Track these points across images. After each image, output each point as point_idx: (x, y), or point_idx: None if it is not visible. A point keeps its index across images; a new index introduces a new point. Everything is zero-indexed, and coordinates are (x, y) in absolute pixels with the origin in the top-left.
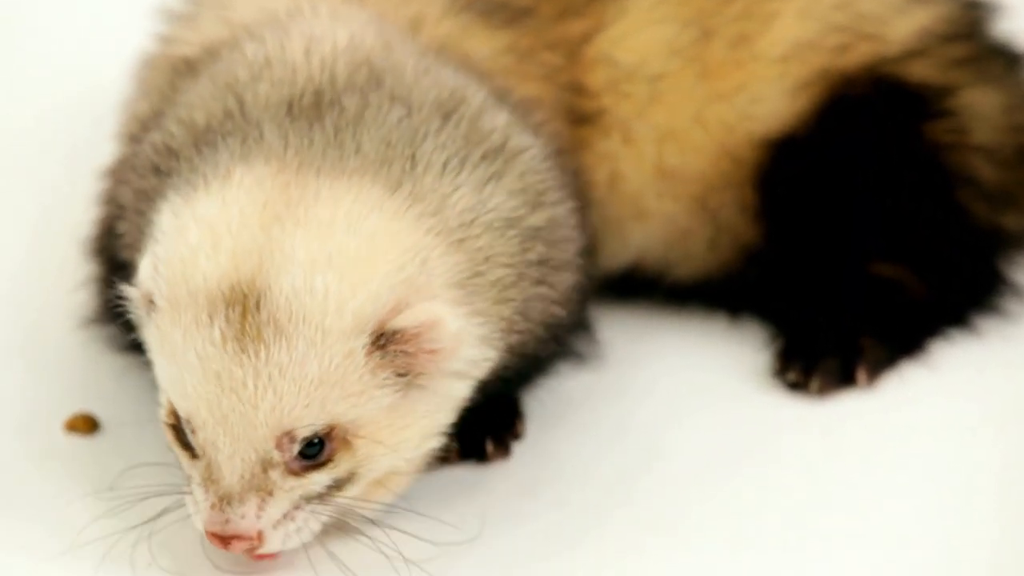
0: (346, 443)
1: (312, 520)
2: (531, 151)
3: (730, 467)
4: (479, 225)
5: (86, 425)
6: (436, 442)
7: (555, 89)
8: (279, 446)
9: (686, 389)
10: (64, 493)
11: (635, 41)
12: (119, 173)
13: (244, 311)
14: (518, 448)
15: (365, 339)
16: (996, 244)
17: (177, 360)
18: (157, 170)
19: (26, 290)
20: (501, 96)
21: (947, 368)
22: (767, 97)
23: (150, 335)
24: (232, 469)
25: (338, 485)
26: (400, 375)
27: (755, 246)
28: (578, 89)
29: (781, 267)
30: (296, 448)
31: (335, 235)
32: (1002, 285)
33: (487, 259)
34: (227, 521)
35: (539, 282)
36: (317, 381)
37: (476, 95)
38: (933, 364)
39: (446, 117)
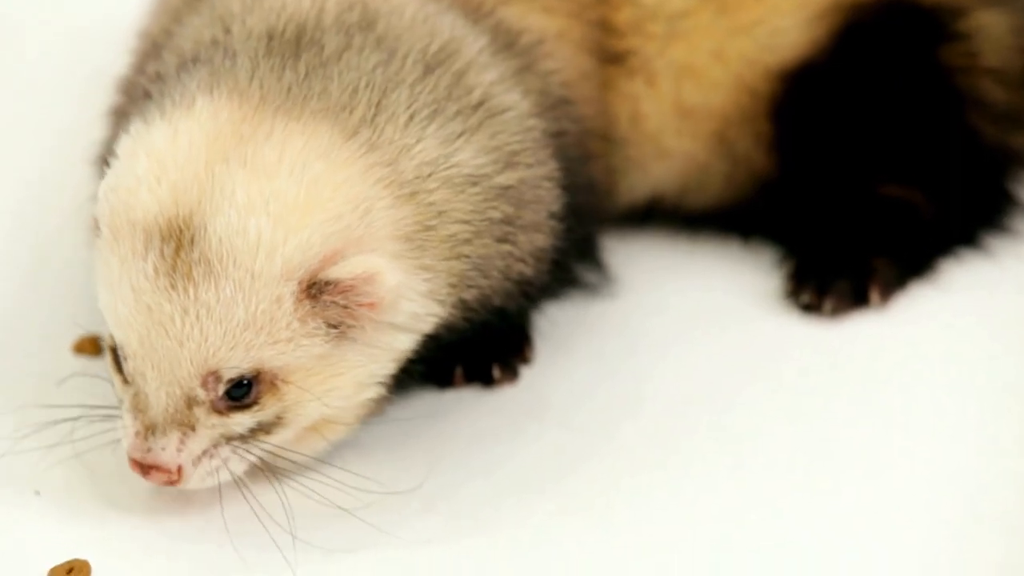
0: (273, 387)
1: (234, 460)
2: (512, 111)
3: (741, 388)
4: (437, 179)
5: (93, 347)
6: (373, 392)
7: (583, 26)
8: (204, 385)
9: (697, 312)
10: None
11: None
12: (126, 90)
13: (178, 247)
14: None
15: (294, 286)
16: (1004, 164)
17: (113, 288)
18: (147, 95)
19: (37, 212)
20: (509, 41)
21: (957, 288)
22: (785, 28)
23: (95, 259)
24: (157, 401)
25: (264, 428)
26: (332, 326)
27: (769, 175)
28: (607, 27)
29: (794, 194)
30: (221, 388)
31: (276, 178)
32: (1010, 204)
33: (440, 214)
34: (148, 451)
35: (501, 240)
36: (243, 324)
37: (470, 49)
38: (943, 284)
39: (428, 69)
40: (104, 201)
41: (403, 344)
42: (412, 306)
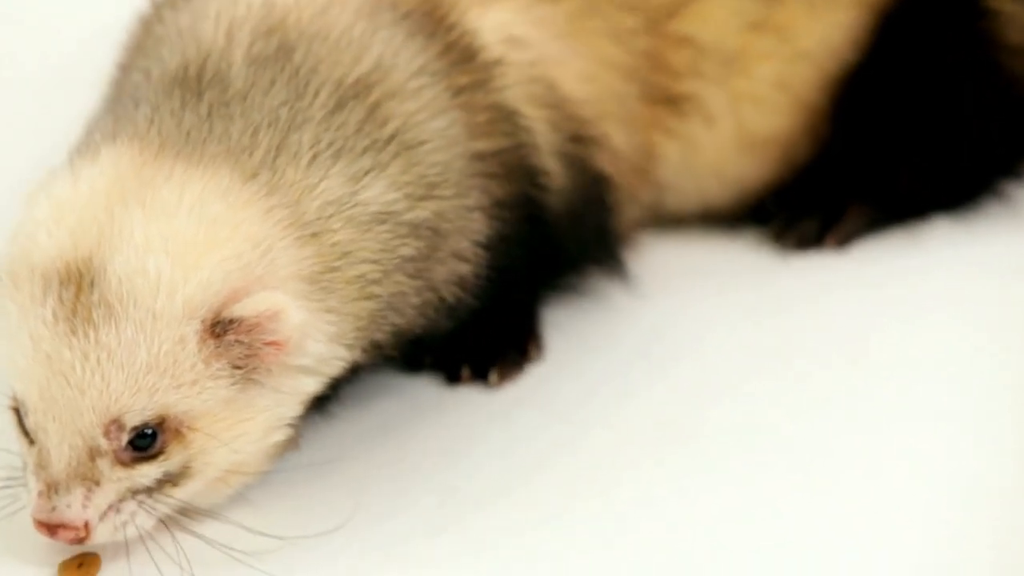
0: (179, 435)
1: (141, 515)
2: (431, 143)
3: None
4: (341, 219)
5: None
6: (280, 435)
7: (628, 54)
8: (107, 434)
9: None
10: None
11: (712, 19)
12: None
13: (78, 291)
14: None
15: (197, 325)
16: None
17: (12, 339)
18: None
19: None
20: (464, 57)
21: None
22: (840, 43)
23: None
24: (59, 456)
25: (171, 480)
26: (237, 367)
27: (807, 162)
28: (660, 64)
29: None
30: (125, 437)
31: (175, 219)
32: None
33: (345, 254)
34: (53, 509)
35: (414, 276)
36: (146, 367)
37: (398, 73)
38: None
39: (340, 103)
40: (5, 249)
41: (309, 387)
42: (318, 348)
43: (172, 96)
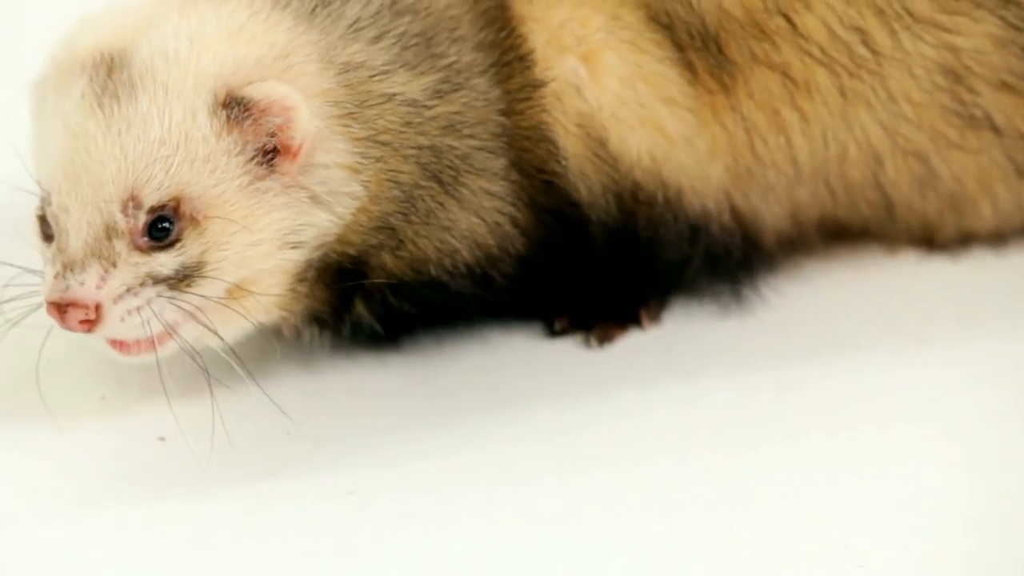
0: (195, 223)
1: (156, 303)
2: (469, 91)
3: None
4: (365, 77)
5: None
6: (292, 257)
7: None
8: (124, 210)
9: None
10: None
11: None
12: None
13: (109, 73)
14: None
15: (208, 98)
16: None
17: (45, 124)
18: None
19: None
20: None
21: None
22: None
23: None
24: (78, 233)
25: (187, 276)
26: (251, 160)
27: None
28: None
29: None
30: (142, 217)
31: (204, 22)
32: None
33: (367, 103)
34: (67, 288)
35: (430, 187)
36: (160, 140)
37: (464, 29)
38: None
39: (400, 11)
40: (57, 45)
41: (321, 220)
42: (332, 174)
43: None
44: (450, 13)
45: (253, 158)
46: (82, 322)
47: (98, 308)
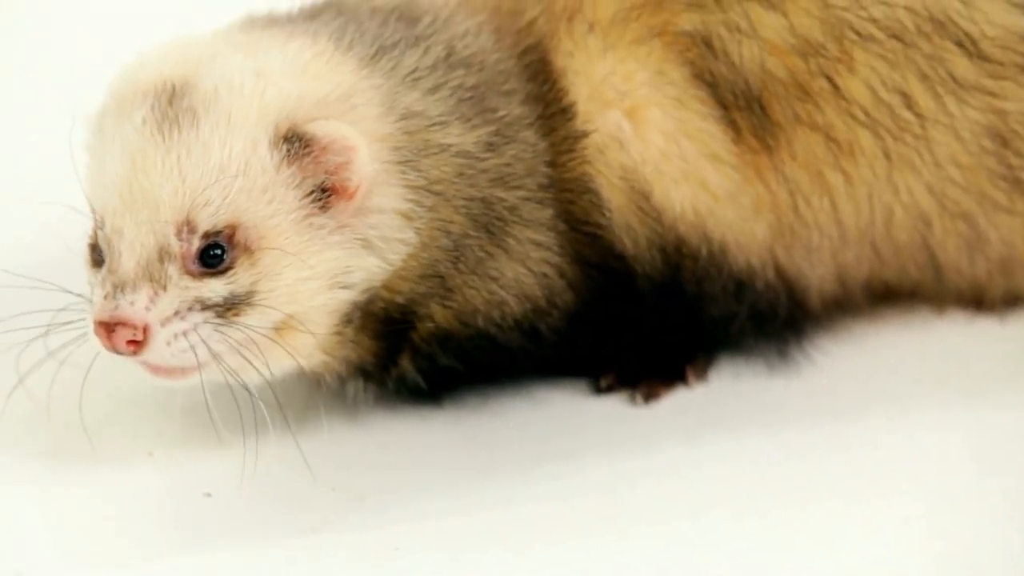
0: (248, 252)
1: (203, 330)
2: (519, 146)
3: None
4: (423, 125)
5: None
6: (336, 298)
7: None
8: (179, 234)
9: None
10: None
11: None
12: None
13: (170, 100)
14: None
15: (270, 131)
16: None
17: (103, 150)
18: None
19: None
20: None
21: None
22: None
23: (89, 148)
24: (131, 254)
25: (236, 305)
26: (308, 196)
27: None
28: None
29: None
30: (196, 242)
31: (270, 57)
32: None
33: (425, 151)
34: (116, 307)
35: (478, 239)
36: (220, 167)
37: (511, 88)
38: None
39: (452, 65)
40: (118, 76)
41: (371, 264)
42: (385, 220)
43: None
44: (500, 67)
45: (310, 194)
46: (129, 343)
47: (146, 330)
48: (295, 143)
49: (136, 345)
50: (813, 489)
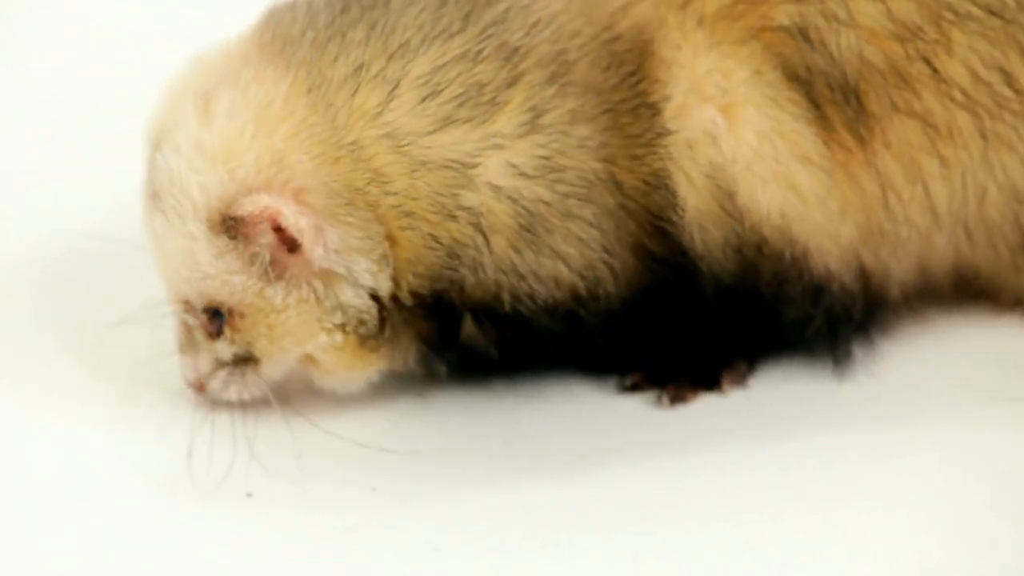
0: (233, 321)
1: (231, 381)
2: (563, 140)
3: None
4: (391, 150)
5: None
6: (332, 340)
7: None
8: (187, 311)
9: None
10: None
11: None
12: None
13: (152, 171)
14: None
15: (204, 224)
16: None
17: None
18: None
19: None
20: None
21: None
22: None
23: None
24: (175, 329)
25: (248, 360)
26: (262, 264)
27: None
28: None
29: None
30: (201, 316)
31: (213, 123)
32: None
33: (382, 182)
34: (183, 370)
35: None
36: (178, 257)
37: (580, 72)
38: None
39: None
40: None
41: (349, 297)
42: (347, 256)
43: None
44: (564, 58)
45: (267, 262)
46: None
47: (201, 386)
48: (230, 225)
49: (203, 391)
50: (852, 495)
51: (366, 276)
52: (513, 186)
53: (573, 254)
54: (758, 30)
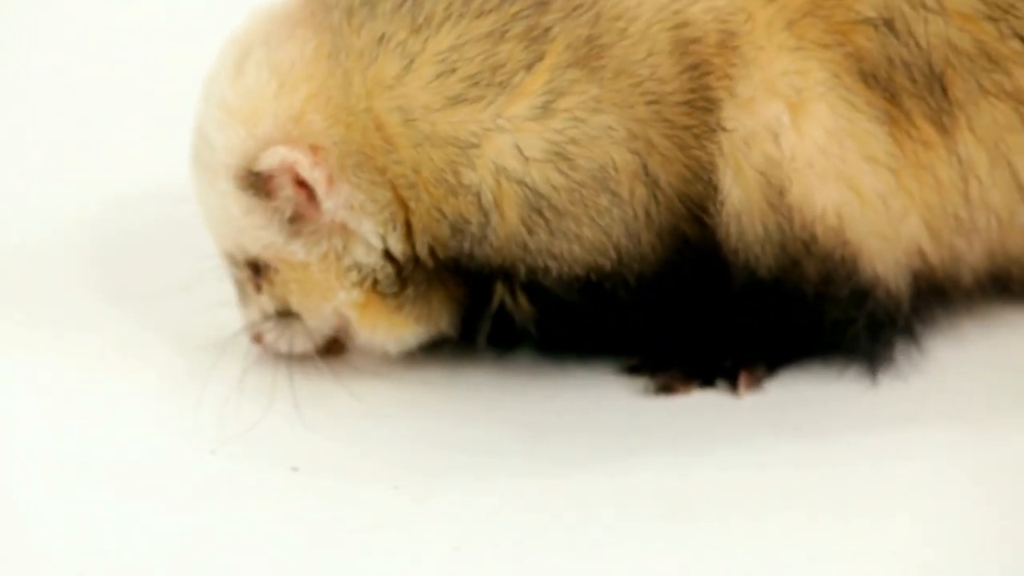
0: (269, 275)
1: (281, 334)
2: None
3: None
4: (404, 123)
5: None
6: (351, 297)
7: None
8: (233, 264)
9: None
10: None
11: None
12: None
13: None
14: None
15: (231, 180)
16: None
17: None
18: None
19: None
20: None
21: None
22: None
23: None
24: (229, 279)
25: (288, 314)
26: (284, 219)
27: None
28: None
29: None
30: (245, 269)
31: (241, 80)
32: None
33: (390, 151)
34: (242, 319)
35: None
36: (216, 213)
37: (630, 66)
38: None
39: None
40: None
41: (361, 256)
42: (356, 215)
43: None
44: (599, 42)
45: (287, 216)
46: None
47: (259, 336)
48: (253, 181)
49: (261, 342)
50: (868, 496)
51: (374, 236)
52: (519, 168)
53: (587, 235)
54: (843, 29)
